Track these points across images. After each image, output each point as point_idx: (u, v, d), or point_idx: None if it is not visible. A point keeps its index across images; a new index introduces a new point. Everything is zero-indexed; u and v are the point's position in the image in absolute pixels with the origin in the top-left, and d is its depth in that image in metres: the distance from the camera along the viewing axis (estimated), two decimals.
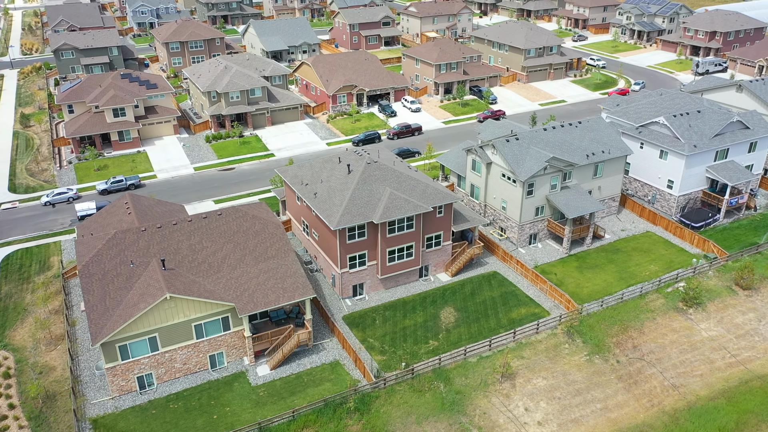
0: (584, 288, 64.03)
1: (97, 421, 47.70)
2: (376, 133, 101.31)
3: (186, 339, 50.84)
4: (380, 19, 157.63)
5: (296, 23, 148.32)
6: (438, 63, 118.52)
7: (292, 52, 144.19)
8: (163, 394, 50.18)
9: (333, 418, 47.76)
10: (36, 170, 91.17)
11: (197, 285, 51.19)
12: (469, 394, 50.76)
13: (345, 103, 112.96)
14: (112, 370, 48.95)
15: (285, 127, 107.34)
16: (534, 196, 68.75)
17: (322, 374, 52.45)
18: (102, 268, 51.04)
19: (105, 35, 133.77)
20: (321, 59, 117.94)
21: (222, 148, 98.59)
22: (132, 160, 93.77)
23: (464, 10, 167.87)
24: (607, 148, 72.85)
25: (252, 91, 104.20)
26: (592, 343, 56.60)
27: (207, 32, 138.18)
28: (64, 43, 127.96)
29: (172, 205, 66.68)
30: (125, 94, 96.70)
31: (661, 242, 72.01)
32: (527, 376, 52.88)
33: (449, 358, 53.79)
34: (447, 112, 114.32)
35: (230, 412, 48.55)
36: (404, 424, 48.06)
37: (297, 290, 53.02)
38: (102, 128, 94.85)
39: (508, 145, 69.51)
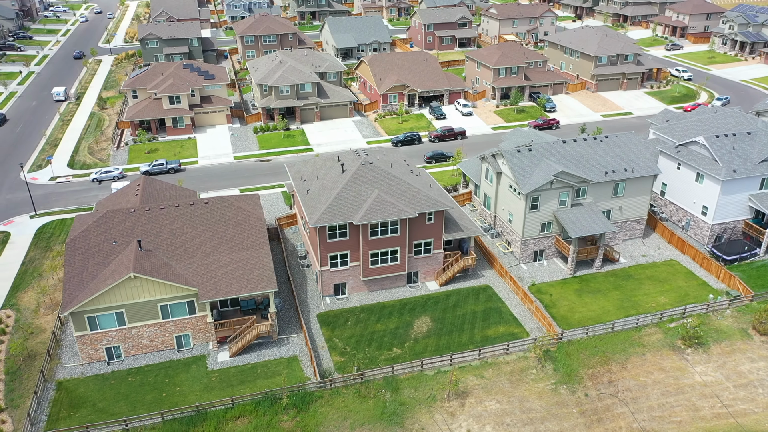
0: (576, 313, 60.13)
1: (62, 383, 51.46)
2: (416, 134, 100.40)
3: (152, 318, 53.50)
4: (457, 19, 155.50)
5: (370, 21, 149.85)
6: (497, 67, 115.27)
7: (363, 49, 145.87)
8: (126, 367, 53.19)
9: (269, 412, 48.38)
10: (96, 149, 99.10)
11: (167, 268, 53.70)
12: (413, 407, 49.45)
13: (395, 102, 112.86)
14: (81, 338, 52.60)
15: (332, 123, 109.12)
16: (539, 211, 65.38)
17: (276, 368, 53.21)
18: (86, 243, 54.87)
19: (187, 27, 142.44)
20: (378, 58, 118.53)
21: (266, 139, 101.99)
22: (181, 145, 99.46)
23: (547, 14, 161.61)
24: (631, 167, 67.71)
25: (302, 86, 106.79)
26: (563, 371, 53.09)
27: (281, 27, 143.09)
28: (149, 33, 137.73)
29: (184, 191, 70.05)
30: (182, 83, 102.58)
31: (683, 273, 65.97)
32: (480, 397, 50.62)
33: (404, 369, 52.61)
34: (500, 118, 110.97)
35: (179, 392, 50.58)
36: (337, 427, 47.74)
37: (260, 283, 54.12)
38: (158, 114, 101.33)
39: (518, 155, 66.57)
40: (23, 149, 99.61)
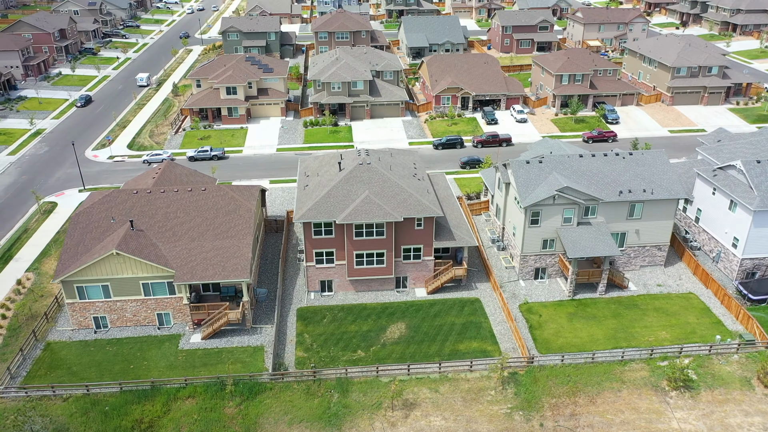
0: (561, 338, 56.64)
1: (50, 344, 56.06)
2: (459, 138, 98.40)
3: (135, 294, 56.87)
4: (537, 22, 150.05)
5: (445, 21, 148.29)
6: (559, 73, 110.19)
7: (434, 49, 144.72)
8: (108, 337, 56.95)
9: (216, 396, 49.92)
10: (156, 133, 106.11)
11: (152, 249, 56.81)
12: (355, 412, 49.02)
13: (448, 104, 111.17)
14: (71, 305, 56.98)
15: (382, 121, 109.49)
16: (540, 227, 62.16)
17: (240, 355, 54.74)
18: (88, 219, 59.24)
19: (267, 21, 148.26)
20: (437, 58, 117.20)
21: (313, 134, 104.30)
22: (231, 134, 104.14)
23: (638, 19, 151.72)
24: (651, 188, 62.56)
25: (354, 84, 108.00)
26: (524, 397, 50.32)
27: (355, 24, 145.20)
28: (230, 26, 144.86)
29: (203, 177, 73.35)
30: (240, 75, 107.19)
31: (698, 309, 60.11)
32: (427, 411, 49.19)
33: (359, 372, 52.23)
34: (555, 127, 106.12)
35: (145, 366, 53.45)
36: (276, 420, 48.40)
37: (234, 271, 55.81)
38: (215, 103, 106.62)
39: (525, 167, 63.63)
40: (96, 129, 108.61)
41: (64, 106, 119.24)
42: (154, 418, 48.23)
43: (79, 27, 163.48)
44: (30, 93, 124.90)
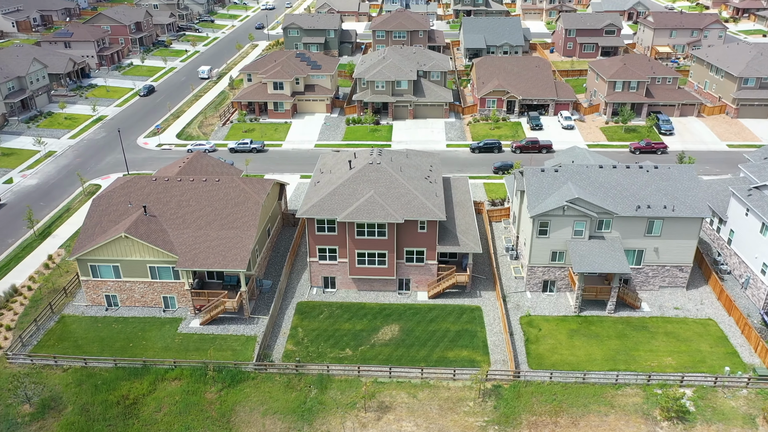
0: (557, 354, 54.46)
1: (64, 317, 59.73)
2: (497, 143, 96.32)
3: (143, 276, 59.60)
4: (603, 26, 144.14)
5: (506, 23, 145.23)
6: (612, 80, 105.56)
7: (492, 51, 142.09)
8: (117, 315, 60.02)
9: (200, 381, 51.55)
10: (205, 124, 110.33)
11: (160, 234, 59.30)
12: (329, 409, 49.23)
13: (494, 108, 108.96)
14: (86, 282, 60.46)
15: (424, 122, 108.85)
16: (549, 238, 59.96)
17: (233, 343, 56.20)
18: (108, 202, 62.56)
19: (327, 19, 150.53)
20: (487, 60, 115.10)
21: (354, 131, 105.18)
22: (275, 128, 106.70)
23: (714, 25, 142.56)
24: (673, 204, 58.93)
25: (398, 83, 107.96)
26: (503, 411, 48.79)
27: (413, 24, 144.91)
28: (291, 23, 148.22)
29: (229, 168, 75.75)
30: (287, 71, 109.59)
31: (714, 337, 56.13)
32: (401, 416, 48.67)
33: (340, 370, 52.39)
34: (603, 136, 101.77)
35: (143, 345, 55.92)
36: (251, 409, 49.38)
37: (233, 261, 57.35)
38: (262, 97, 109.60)
39: (539, 174, 61.61)
40: (153, 117, 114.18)
41: (128, 95, 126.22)
42: (139, 395, 50.45)
43: (155, 20, 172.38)
44: (100, 81, 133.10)
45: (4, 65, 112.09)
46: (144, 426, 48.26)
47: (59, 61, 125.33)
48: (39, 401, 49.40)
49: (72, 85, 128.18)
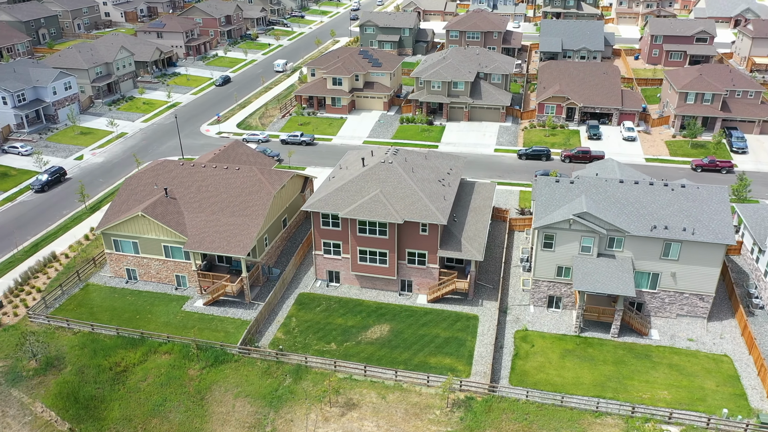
0: (542, 372, 52.08)
1: (89, 285, 64.72)
2: (546, 150, 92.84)
3: (158, 254, 63.34)
4: (693, 33, 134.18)
5: (587, 27, 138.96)
6: (683, 91, 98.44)
7: (569, 55, 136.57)
8: (134, 288, 64.18)
9: (187, 357, 54.12)
10: (266, 115, 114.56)
11: (175, 216, 62.70)
12: (297, 398, 50.08)
13: (552, 114, 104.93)
14: (110, 255, 65.13)
15: (479, 125, 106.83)
16: (554, 252, 57.34)
17: (228, 326, 58.44)
18: (137, 182, 66.93)
19: (404, 17, 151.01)
20: (551, 65, 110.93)
21: (405, 130, 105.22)
22: (329, 123, 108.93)
23: None
24: (694, 227, 54.42)
25: (455, 84, 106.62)
26: (468, 424, 47.43)
27: (488, 25, 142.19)
28: (367, 20, 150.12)
29: (264, 159, 78.45)
30: (348, 67, 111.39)
31: (725, 375, 51.38)
32: (364, 415, 48.60)
33: (317, 363, 53.07)
34: (666, 150, 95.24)
35: (148, 318, 59.49)
36: (225, 390, 51.23)
37: (236, 247, 59.60)
38: (321, 92, 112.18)
39: (552, 185, 59.10)
40: (222, 106, 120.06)
41: (205, 84, 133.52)
42: (131, 364, 53.90)
43: (245, 14, 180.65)
44: (183, 70, 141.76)
45: (96, 52, 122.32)
46: (128, 392, 51.55)
47: (146, 49, 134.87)
48: (44, 358, 54.09)
49: (157, 73, 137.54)
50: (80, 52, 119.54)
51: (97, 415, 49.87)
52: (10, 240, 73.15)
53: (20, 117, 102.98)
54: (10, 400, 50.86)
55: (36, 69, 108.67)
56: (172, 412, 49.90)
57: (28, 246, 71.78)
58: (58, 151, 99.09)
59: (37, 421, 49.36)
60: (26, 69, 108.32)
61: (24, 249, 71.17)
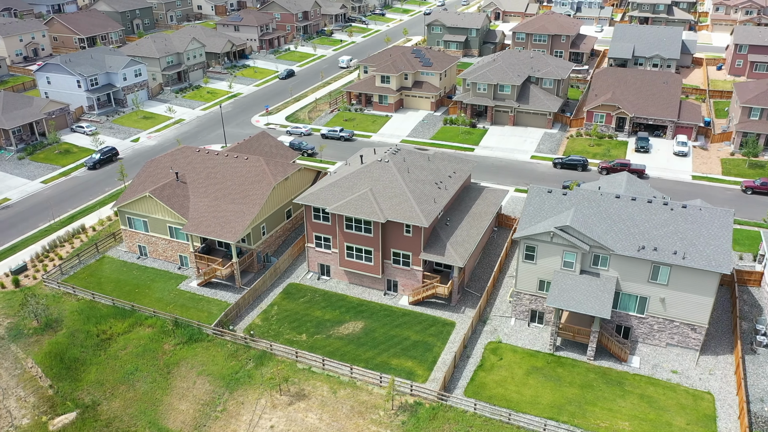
0: (501, 387, 50.38)
1: (105, 257, 69.77)
2: (583, 160, 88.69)
3: (164, 234, 67.20)
4: None
5: (663, 33, 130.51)
6: (747, 105, 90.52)
7: (640, 62, 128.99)
8: (143, 264, 68.44)
9: (165, 333, 57.17)
10: (316, 110, 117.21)
11: (180, 199, 66.18)
12: (254, 383, 51.60)
13: (601, 123, 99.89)
14: (124, 231, 69.86)
15: (523, 130, 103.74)
16: (536, 264, 55.14)
17: (213, 307, 61.02)
18: (157, 165, 71.21)
19: (471, 17, 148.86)
20: (608, 72, 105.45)
21: (446, 132, 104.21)
22: (373, 120, 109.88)
23: None
24: (685, 251, 50.43)
25: (501, 87, 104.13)
26: (409, 427, 46.86)
27: (558, 28, 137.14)
28: (435, 20, 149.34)
29: (287, 152, 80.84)
30: (397, 66, 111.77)
31: (700, 414, 47.39)
32: (311, 407, 49.26)
33: (281, 352, 54.35)
34: (719, 168, 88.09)
35: (144, 293, 63.27)
36: (191, 367, 53.69)
37: (227, 233, 62.04)
38: (370, 89, 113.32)
39: (543, 195, 56.86)
40: (280, 98, 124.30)
41: (270, 77, 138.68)
42: (116, 333, 57.81)
43: (324, 11, 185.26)
44: (251, 63, 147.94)
45: (169, 42, 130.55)
46: (107, 359, 55.42)
47: (219, 41, 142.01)
48: (44, 319, 59.18)
49: (227, 64, 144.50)
50: (155, 42, 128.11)
51: (76, 375, 54.09)
52: (57, 210, 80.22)
53: (92, 100, 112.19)
54: (7, 354, 56.23)
55: (111, 56, 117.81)
56: (140, 382, 53.13)
57: (65, 218, 78.46)
58: (119, 132, 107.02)
59: (24, 375, 54.28)
60: (102, 56, 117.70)
61: (61, 220, 77.87)
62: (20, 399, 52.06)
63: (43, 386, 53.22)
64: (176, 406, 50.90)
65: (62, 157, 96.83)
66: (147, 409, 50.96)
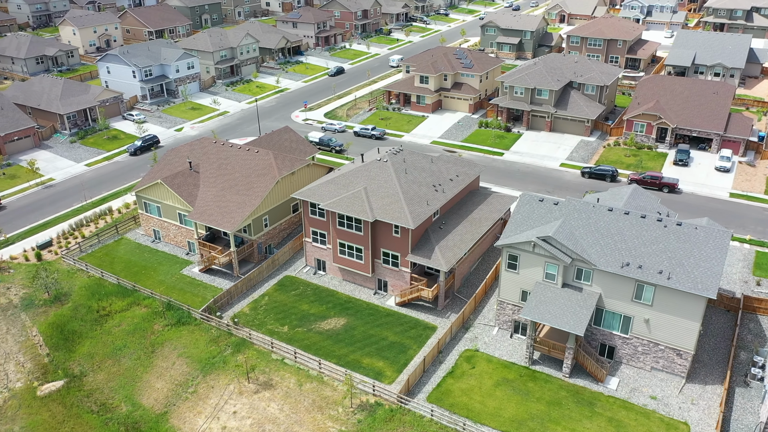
0: (466, 396, 49.46)
1: (123, 239, 73.72)
2: (612, 170, 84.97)
3: (174, 220, 70.21)
4: None
5: (728, 41, 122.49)
6: None
7: (701, 71, 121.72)
8: (156, 247, 71.80)
9: (158, 314, 59.81)
10: (355, 107, 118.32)
11: (190, 188, 68.90)
12: (226, 368, 53.18)
13: (641, 133, 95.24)
14: (142, 215, 73.51)
15: (558, 136, 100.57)
16: (518, 274, 53.67)
17: (207, 293, 63.22)
18: (176, 155, 74.42)
19: (527, 20, 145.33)
20: (654, 80, 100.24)
21: (479, 135, 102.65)
22: (408, 120, 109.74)
23: None
24: (671, 272, 47.64)
25: (538, 92, 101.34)
26: (363, 427, 46.93)
27: (614, 32, 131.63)
28: (489, 21, 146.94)
29: (307, 147, 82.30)
30: (436, 67, 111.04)
31: None
32: (274, 397, 50.22)
33: (258, 341, 55.66)
34: (763, 186, 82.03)
35: (148, 275, 66.39)
36: (173, 348, 55.98)
37: (227, 222, 64.05)
38: (408, 89, 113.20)
39: (533, 204, 55.26)
40: (324, 95, 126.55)
41: (319, 74, 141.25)
42: (114, 310, 61.14)
43: (385, 9, 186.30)
44: (304, 59, 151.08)
45: (224, 37, 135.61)
46: (101, 333, 58.78)
47: (273, 38, 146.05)
48: (54, 292, 63.40)
49: (281, 60, 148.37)
50: (210, 37, 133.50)
51: (71, 347, 57.75)
52: (94, 192, 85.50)
53: (145, 90, 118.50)
54: (17, 321, 60.74)
55: (166, 49, 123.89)
56: (125, 358, 56.05)
57: (96, 199, 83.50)
58: (166, 122, 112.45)
59: (27, 342, 58.48)
60: (159, 48, 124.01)
61: (93, 201, 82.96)
62: (18, 364, 56.20)
63: (41, 354, 57.16)
64: (153, 384, 53.39)
65: (109, 142, 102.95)
66: (126, 384, 53.78)
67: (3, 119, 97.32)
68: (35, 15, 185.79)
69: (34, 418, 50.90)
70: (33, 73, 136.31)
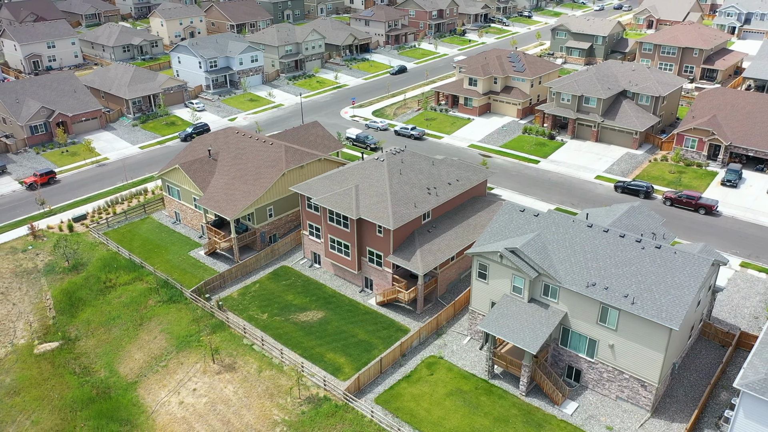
0: (413, 402, 48.94)
1: (148, 218, 78.61)
2: (647, 187, 79.90)
3: (190, 203, 74.07)
4: None
5: None
6: None
7: None
8: (172, 228, 76.06)
9: (154, 290, 63.52)
10: (404, 107, 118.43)
11: (204, 174, 72.38)
12: (197, 346, 55.62)
13: (692, 149, 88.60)
14: (165, 197, 78.12)
15: (604, 147, 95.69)
16: (488, 284, 52.26)
17: (205, 275, 66.25)
18: (200, 143, 78.37)
19: (600, 24, 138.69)
20: (715, 93, 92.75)
21: (520, 141, 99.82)
22: (452, 122, 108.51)
23: None
24: (635, 297, 44.61)
25: (585, 99, 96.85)
26: (305, 419, 47.69)
27: (690, 41, 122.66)
28: (560, 25, 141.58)
29: (331, 143, 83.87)
30: (487, 69, 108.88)
31: None
32: (233, 380, 52.08)
33: (234, 325, 57.77)
34: None
35: (158, 253, 70.57)
36: (158, 323, 59.35)
37: (228, 210, 66.79)
38: (457, 91, 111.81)
39: (513, 214, 53.67)
40: (379, 93, 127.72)
41: (382, 72, 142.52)
42: (119, 283, 65.68)
43: (462, 9, 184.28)
44: (370, 57, 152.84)
45: (291, 32, 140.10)
46: (102, 303, 63.43)
47: (340, 34, 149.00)
48: (73, 261, 69.03)
49: (347, 57, 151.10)
50: (278, 32, 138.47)
51: (74, 312, 62.81)
52: (135, 173, 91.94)
53: (209, 80, 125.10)
54: (36, 285, 66.81)
55: (233, 42, 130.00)
56: (116, 328, 60.22)
57: (138, 180, 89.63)
58: (223, 111, 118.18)
59: (40, 304, 64.23)
60: (226, 41, 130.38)
61: (133, 181, 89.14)
62: (27, 323, 61.91)
63: (48, 316, 62.63)
64: (132, 354, 57.07)
65: (167, 127, 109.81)
66: (110, 351, 57.87)
67: (74, 101, 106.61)
68: (137, 6, 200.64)
69: (25, 373, 56.03)
70: (119, 60, 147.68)
